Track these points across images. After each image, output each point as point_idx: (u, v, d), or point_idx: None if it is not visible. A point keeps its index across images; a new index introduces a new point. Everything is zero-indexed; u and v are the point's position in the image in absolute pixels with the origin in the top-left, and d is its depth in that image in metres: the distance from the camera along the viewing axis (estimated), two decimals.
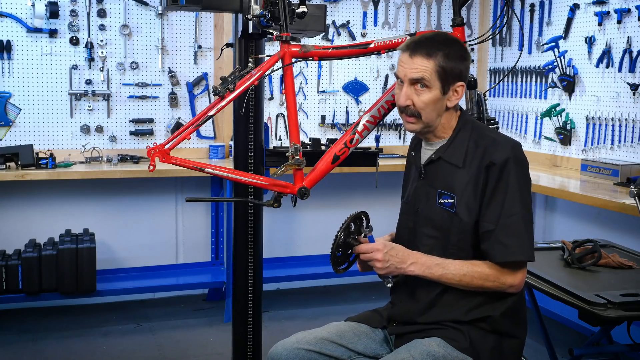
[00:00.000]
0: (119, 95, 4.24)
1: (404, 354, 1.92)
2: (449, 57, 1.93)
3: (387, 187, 3.75)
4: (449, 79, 1.94)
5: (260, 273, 2.81)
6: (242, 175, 2.33)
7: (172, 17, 4.29)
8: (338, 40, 4.66)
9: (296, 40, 2.50)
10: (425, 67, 1.92)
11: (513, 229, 1.89)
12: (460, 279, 1.91)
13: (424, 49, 1.93)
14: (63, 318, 4.13)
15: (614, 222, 3.87)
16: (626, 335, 2.59)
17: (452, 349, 1.93)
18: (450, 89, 1.96)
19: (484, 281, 1.91)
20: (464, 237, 1.95)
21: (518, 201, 1.89)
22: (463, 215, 1.94)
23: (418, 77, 1.93)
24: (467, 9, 4.91)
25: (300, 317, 4.25)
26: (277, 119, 4.59)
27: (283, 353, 2.03)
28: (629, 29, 3.77)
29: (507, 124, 4.70)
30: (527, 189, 1.94)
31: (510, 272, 1.91)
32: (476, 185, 1.93)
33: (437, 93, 1.95)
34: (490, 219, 1.91)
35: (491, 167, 1.91)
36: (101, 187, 4.27)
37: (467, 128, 2.02)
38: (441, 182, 2.01)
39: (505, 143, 1.95)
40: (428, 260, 1.94)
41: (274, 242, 4.58)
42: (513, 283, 1.92)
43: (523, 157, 1.96)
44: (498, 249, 1.89)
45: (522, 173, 1.93)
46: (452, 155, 2.00)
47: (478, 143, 1.97)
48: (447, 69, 1.93)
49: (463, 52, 1.98)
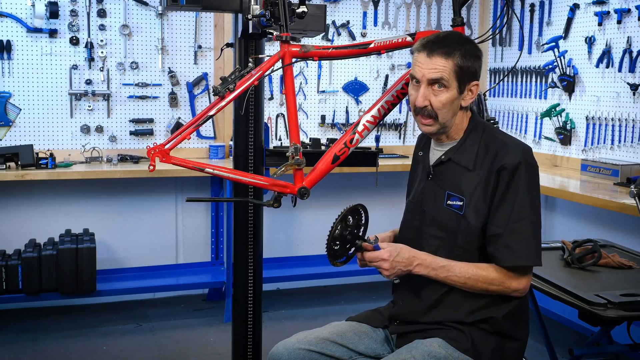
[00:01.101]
0: (119, 95, 4.24)
1: (404, 354, 1.92)
2: (466, 56, 1.93)
3: (387, 187, 3.76)
4: (465, 79, 1.94)
5: (260, 273, 2.81)
6: (242, 175, 2.33)
7: (172, 17, 4.29)
8: (338, 40, 4.66)
9: (296, 40, 2.50)
10: (444, 67, 1.91)
11: (521, 234, 1.88)
12: (465, 281, 1.92)
13: (441, 48, 1.92)
14: (63, 318, 4.13)
15: (614, 222, 3.87)
16: (626, 335, 2.59)
17: (453, 349, 1.93)
18: (466, 89, 1.96)
19: (488, 285, 1.91)
20: (471, 240, 1.95)
21: (527, 206, 1.89)
22: (471, 218, 1.94)
23: (437, 77, 1.92)
24: (467, 9, 4.91)
25: (300, 317, 4.25)
26: (277, 119, 4.59)
27: (284, 353, 2.02)
28: (629, 29, 3.77)
29: (507, 124, 4.70)
30: (537, 194, 1.94)
31: (516, 277, 1.91)
32: (486, 189, 1.92)
33: (455, 93, 1.94)
34: (498, 222, 1.90)
35: (502, 171, 1.90)
36: (101, 187, 4.27)
37: (479, 130, 2.01)
38: (450, 184, 2.00)
39: (517, 147, 1.94)
40: (434, 262, 1.94)
41: (274, 242, 4.58)
42: (518, 287, 1.92)
43: (534, 161, 1.96)
44: (505, 253, 1.89)
45: (533, 178, 1.93)
46: (462, 157, 1.99)
47: (489, 146, 1.96)
48: (465, 68, 1.93)
49: (477, 50, 1.98)
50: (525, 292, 1.96)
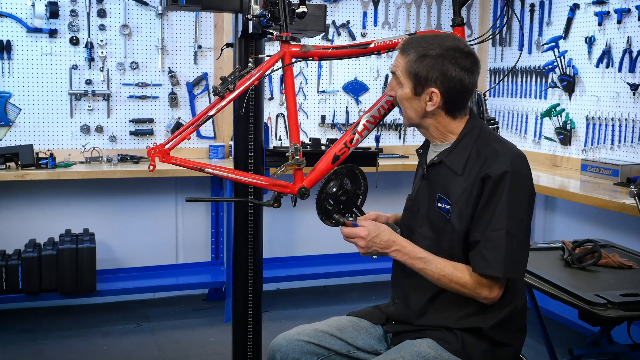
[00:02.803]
0: (119, 95, 4.24)
1: (394, 355, 1.93)
2: (420, 60, 1.89)
3: (387, 187, 3.75)
4: (420, 81, 1.91)
5: (260, 273, 2.81)
6: (242, 175, 2.33)
7: (172, 17, 4.29)
8: (338, 40, 4.66)
9: (296, 40, 2.50)
10: (398, 63, 1.96)
11: (494, 244, 1.84)
12: (439, 277, 1.90)
13: (404, 45, 1.96)
14: (63, 318, 4.13)
15: (614, 222, 3.87)
16: (626, 335, 2.59)
17: (443, 350, 1.93)
18: (425, 92, 1.92)
19: (460, 287, 1.88)
20: (455, 245, 1.93)
21: (505, 217, 1.84)
22: (455, 222, 1.92)
23: (392, 70, 1.99)
24: (467, 9, 4.91)
25: (300, 317, 4.25)
26: (277, 119, 4.59)
27: (283, 344, 2.07)
28: (629, 29, 3.77)
29: (507, 124, 4.70)
30: (521, 204, 1.87)
31: (488, 285, 1.87)
32: (470, 195, 1.89)
33: (408, 92, 1.95)
34: (479, 229, 1.88)
35: (487, 180, 1.86)
36: (101, 187, 4.27)
37: (474, 134, 1.97)
38: (440, 186, 1.99)
39: (506, 156, 1.89)
40: (412, 251, 1.93)
41: (274, 242, 4.58)
42: (488, 296, 1.88)
43: (523, 171, 1.90)
44: (477, 261, 1.86)
45: (518, 188, 1.87)
46: (454, 161, 1.96)
47: (480, 152, 1.93)
48: (415, 70, 1.91)
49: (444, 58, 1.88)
50: (495, 301, 1.90)
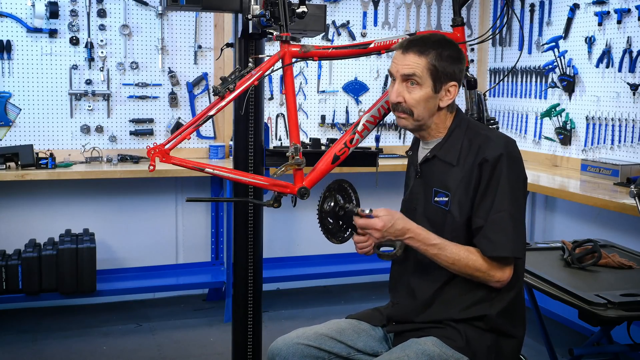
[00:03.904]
0: (119, 95, 4.24)
1: (398, 353, 1.93)
2: (442, 56, 1.95)
3: (387, 187, 3.75)
4: (441, 78, 1.95)
5: (260, 273, 2.81)
6: (242, 175, 2.33)
7: (172, 17, 4.29)
8: (338, 40, 4.66)
9: (296, 40, 2.50)
10: (417, 64, 1.94)
11: (500, 225, 1.89)
12: (454, 262, 1.91)
13: (416, 46, 1.95)
14: (63, 318, 4.13)
15: (614, 222, 3.87)
16: (626, 335, 2.59)
17: (447, 347, 1.94)
18: (443, 89, 1.97)
19: (474, 270, 1.91)
20: (457, 235, 1.95)
21: (507, 198, 1.90)
22: (455, 212, 1.95)
23: (409, 72, 1.95)
24: (467, 9, 4.91)
25: (300, 317, 4.25)
26: (277, 119, 4.59)
27: (283, 348, 2.05)
28: (629, 29, 3.77)
29: (507, 124, 4.70)
30: (519, 186, 1.95)
31: (499, 267, 1.92)
32: (469, 183, 1.94)
33: (429, 91, 1.95)
34: (481, 215, 1.92)
35: (484, 164, 1.92)
36: (101, 187, 4.27)
37: (462, 127, 2.03)
38: (436, 180, 2.02)
39: (499, 140, 1.96)
40: (427, 238, 1.93)
41: (274, 242, 4.58)
42: (500, 278, 1.92)
43: (516, 154, 1.97)
44: (485, 244, 1.90)
45: (514, 170, 1.94)
46: (447, 154, 2.01)
47: (472, 141, 1.98)
48: (440, 67, 1.94)
49: (457, 53, 1.99)
50: (505, 284, 1.95)
